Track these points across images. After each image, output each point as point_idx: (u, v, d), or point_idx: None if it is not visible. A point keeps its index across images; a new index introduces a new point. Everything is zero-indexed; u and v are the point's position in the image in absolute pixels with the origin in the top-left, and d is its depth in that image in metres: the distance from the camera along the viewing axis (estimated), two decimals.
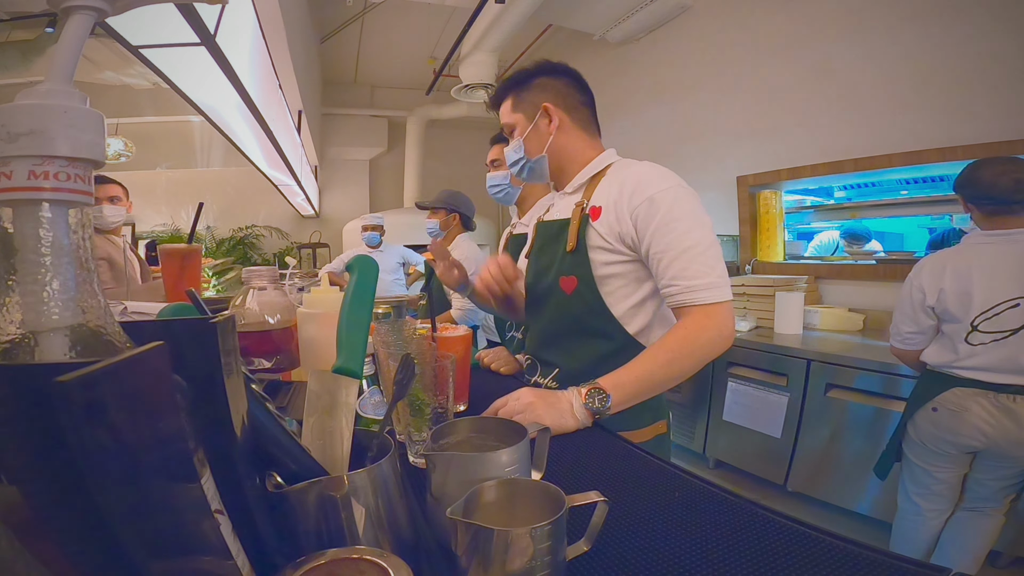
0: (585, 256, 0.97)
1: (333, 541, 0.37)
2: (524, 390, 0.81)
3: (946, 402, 1.52)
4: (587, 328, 0.99)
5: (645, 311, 0.97)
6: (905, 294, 1.63)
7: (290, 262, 1.86)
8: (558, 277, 1.00)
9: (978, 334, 1.47)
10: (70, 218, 0.26)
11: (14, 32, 2.96)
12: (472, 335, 0.91)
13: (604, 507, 0.45)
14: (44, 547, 0.22)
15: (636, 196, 0.91)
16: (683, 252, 0.87)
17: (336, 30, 4.32)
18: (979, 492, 1.59)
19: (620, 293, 0.97)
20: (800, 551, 0.46)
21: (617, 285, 0.96)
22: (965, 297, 1.48)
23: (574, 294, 0.98)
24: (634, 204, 0.91)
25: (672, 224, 0.88)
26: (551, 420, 0.75)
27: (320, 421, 0.45)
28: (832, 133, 2.65)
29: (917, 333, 1.62)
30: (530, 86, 1.03)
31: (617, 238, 0.94)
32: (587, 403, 0.79)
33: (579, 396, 0.80)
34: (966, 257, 1.51)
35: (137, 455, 0.23)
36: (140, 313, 0.90)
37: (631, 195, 0.92)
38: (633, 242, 0.93)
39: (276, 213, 5.57)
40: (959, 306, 1.49)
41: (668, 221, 0.88)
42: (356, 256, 0.54)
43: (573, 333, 1.01)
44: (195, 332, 0.32)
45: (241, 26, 1.51)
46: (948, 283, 1.51)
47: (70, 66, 0.28)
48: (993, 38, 2.07)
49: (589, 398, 0.79)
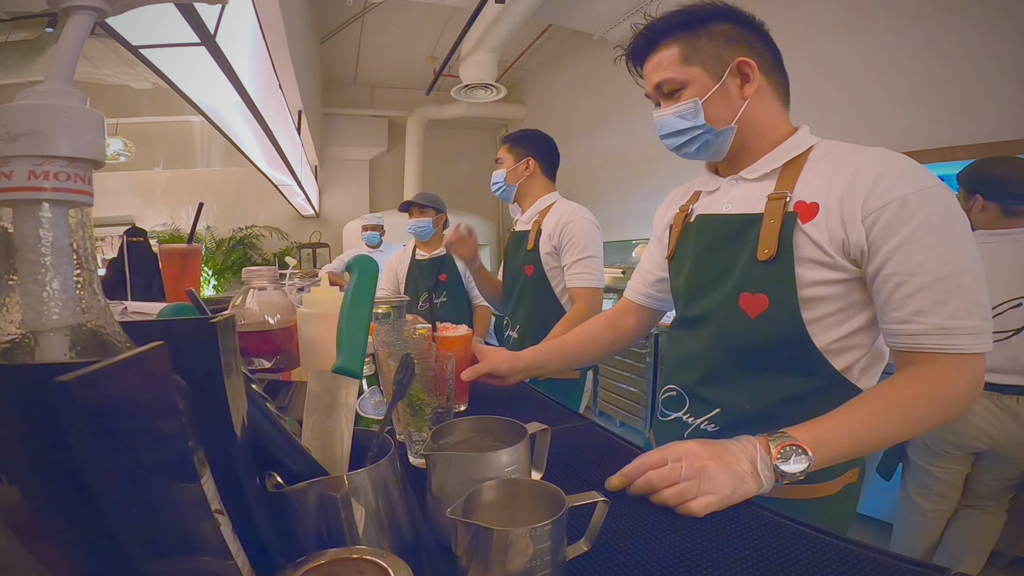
0: (788, 269, 0.70)
1: (333, 541, 0.37)
2: (691, 444, 0.59)
3: None
4: (774, 361, 0.74)
5: (858, 345, 0.72)
6: None
7: (290, 262, 1.86)
8: (738, 293, 0.75)
9: None
10: (70, 218, 0.26)
11: (14, 32, 2.96)
12: (471, 335, 0.91)
13: (604, 507, 0.45)
14: (44, 547, 0.22)
15: (880, 192, 0.66)
16: (940, 280, 0.62)
17: (336, 30, 4.32)
18: (981, 491, 1.59)
19: (828, 321, 0.71)
20: (800, 551, 0.46)
21: (826, 311, 0.71)
22: None
23: (761, 319, 0.73)
24: (876, 203, 0.66)
25: (930, 239, 0.63)
26: (730, 490, 0.55)
27: (320, 421, 0.45)
28: (832, 133, 2.62)
29: None
30: (710, 31, 0.77)
31: (840, 248, 0.69)
32: (779, 464, 0.58)
33: (765, 452, 0.58)
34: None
35: (137, 455, 0.23)
36: (140, 313, 0.91)
37: (871, 190, 0.66)
38: (862, 254, 0.68)
39: (276, 213, 5.58)
40: None
41: (926, 234, 0.63)
42: (356, 256, 0.54)
43: (752, 366, 0.75)
44: (195, 332, 0.32)
45: (241, 26, 1.51)
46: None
47: (70, 66, 0.28)
48: (993, 38, 2.07)
49: (782, 457, 0.58)
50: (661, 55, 0.79)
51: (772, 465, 0.58)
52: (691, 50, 0.77)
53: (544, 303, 1.59)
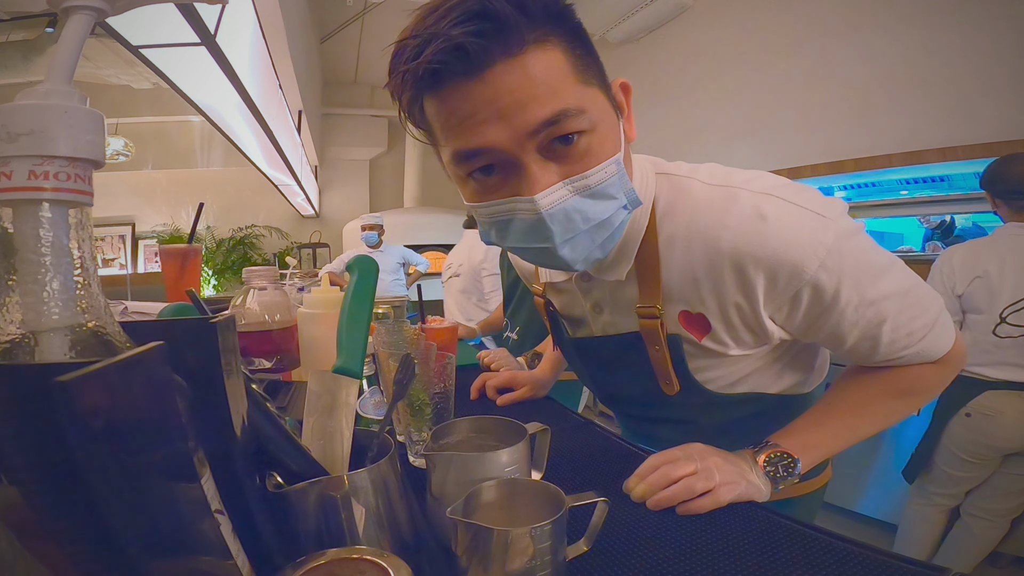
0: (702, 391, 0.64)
1: (333, 541, 0.37)
2: (697, 445, 0.56)
3: (979, 407, 1.51)
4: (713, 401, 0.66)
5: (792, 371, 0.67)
6: (936, 281, 1.59)
7: (290, 262, 1.86)
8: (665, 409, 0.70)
9: (1006, 326, 1.45)
10: (70, 218, 0.26)
11: (14, 32, 2.96)
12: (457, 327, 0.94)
13: (604, 507, 0.45)
14: (44, 547, 0.22)
15: (782, 288, 0.52)
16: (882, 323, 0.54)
17: (336, 30, 4.32)
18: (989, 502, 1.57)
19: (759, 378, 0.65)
20: (800, 551, 0.46)
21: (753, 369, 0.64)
22: (996, 288, 1.47)
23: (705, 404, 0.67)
24: (782, 299, 0.53)
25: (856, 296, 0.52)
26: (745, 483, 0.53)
27: (320, 421, 0.45)
28: (832, 133, 2.64)
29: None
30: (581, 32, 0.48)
31: (749, 344, 0.60)
32: (767, 472, 0.55)
33: (755, 463, 0.56)
34: (999, 248, 1.50)
35: (137, 455, 0.23)
36: (140, 313, 0.90)
37: (768, 287, 0.53)
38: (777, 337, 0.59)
39: (276, 213, 5.57)
40: (988, 297, 1.48)
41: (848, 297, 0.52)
42: (356, 256, 0.54)
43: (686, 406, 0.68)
44: (195, 332, 0.32)
45: (241, 26, 1.51)
46: (982, 272, 1.49)
47: (70, 66, 0.28)
48: (993, 38, 2.07)
49: (769, 465, 0.55)
50: (533, 61, 0.43)
51: (762, 474, 0.55)
52: (579, 59, 0.46)
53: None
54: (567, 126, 0.44)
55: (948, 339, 0.58)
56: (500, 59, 0.42)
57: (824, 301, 0.53)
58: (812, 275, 0.51)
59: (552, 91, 0.44)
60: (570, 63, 0.45)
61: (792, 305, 0.54)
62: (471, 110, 0.44)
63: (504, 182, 0.48)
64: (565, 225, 0.47)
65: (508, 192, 0.48)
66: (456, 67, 0.42)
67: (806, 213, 0.51)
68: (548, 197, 0.46)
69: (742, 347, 0.59)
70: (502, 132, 0.44)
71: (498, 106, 0.43)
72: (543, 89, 0.43)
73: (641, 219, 0.56)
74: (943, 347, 0.58)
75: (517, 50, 0.42)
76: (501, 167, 0.47)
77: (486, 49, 0.41)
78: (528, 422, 0.55)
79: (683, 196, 0.55)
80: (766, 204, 0.51)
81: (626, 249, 0.57)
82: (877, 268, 0.54)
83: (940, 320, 0.57)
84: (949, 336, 0.58)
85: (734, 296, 0.54)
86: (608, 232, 0.50)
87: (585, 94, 0.46)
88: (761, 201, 0.51)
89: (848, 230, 0.52)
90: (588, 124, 0.46)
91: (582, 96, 0.46)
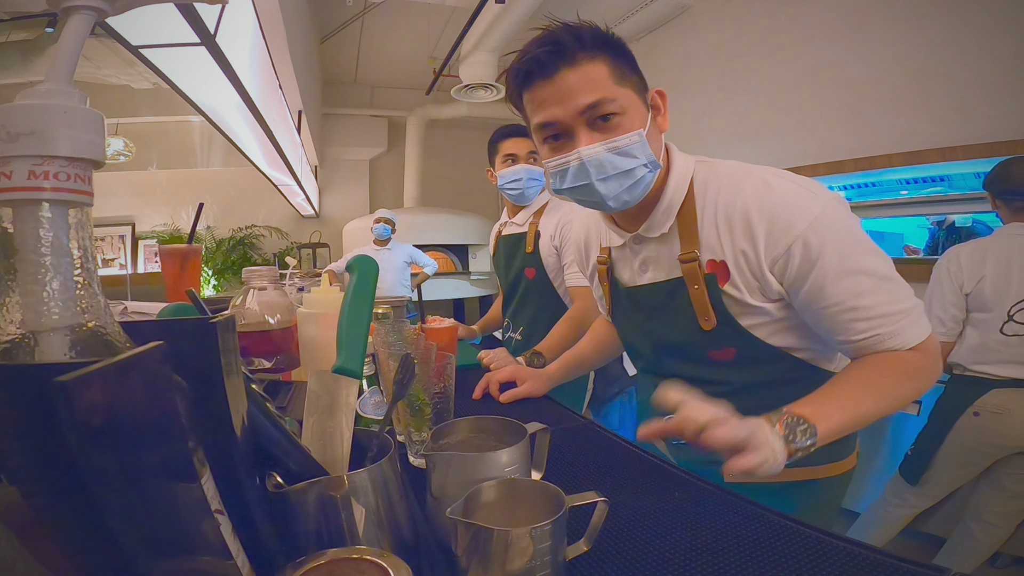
0: (735, 326, 0.73)
1: (333, 541, 0.37)
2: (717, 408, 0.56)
3: (987, 405, 1.51)
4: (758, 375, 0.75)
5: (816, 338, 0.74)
6: (943, 278, 1.59)
7: (290, 262, 1.85)
8: (704, 353, 0.77)
9: (1013, 324, 1.46)
10: (70, 218, 0.26)
11: (14, 32, 2.96)
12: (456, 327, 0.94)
13: (604, 507, 0.45)
14: (44, 547, 0.22)
15: (778, 238, 0.66)
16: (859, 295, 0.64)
17: (336, 30, 4.31)
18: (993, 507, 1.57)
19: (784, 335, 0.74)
20: (800, 551, 0.46)
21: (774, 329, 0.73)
22: (1003, 286, 1.47)
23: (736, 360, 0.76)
24: (778, 250, 0.66)
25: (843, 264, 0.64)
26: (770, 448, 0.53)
27: (320, 421, 0.45)
28: (832, 133, 2.64)
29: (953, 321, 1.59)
30: (626, 55, 0.71)
31: (760, 296, 0.71)
32: (787, 437, 0.56)
33: (773, 428, 0.56)
34: (1005, 246, 1.51)
35: (137, 455, 0.23)
36: (140, 313, 0.90)
37: (767, 237, 0.66)
38: (779, 294, 0.70)
39: (276, 213, 5.57)
40: (996, 295, 1.48)
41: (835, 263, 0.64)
42: (356, 256, 0.54)
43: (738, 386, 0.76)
44: (195, 332, 0.32)
45: (241, 26, 1.51)
46: (989, 271, 1.49)
47: (70, 66, 0.28)
48: (992, 38, 2.07)
49: (789, 430, 0.56)
50: (585, 70, 0.66)
51: (781, 436, 0.55)
52: (621, 71, 0.68)
53: (548, 304, 1.58)
54: (603, 109, 0.67)
55: (924, 329, 0.67)
56: (563, 68, 0.66)
57: (811, 258, 0.65)
58: (802, 231, 0.65)
59: (595, 87, 0.66)
60: (610, 71, 0.67)
61: (787, 259, 0.66)
62: (545, 97, 0.68)
63: (565, 145, 0.70)
64: (599, 168, 0.68)
65: (567, 151, 0.70)
66: (537, 72, 0.68)
67: (803, 189, 0.68)
68: (589, 150, 0.68)
69: (754, 297, 0.71)
70: (562, 111, 0.68)
71: (561, 95, 0.67)
72: (589, 86, 0.66)
73: (681, 188, 0.75)
74: (918, 335, 0.66)
75: (574, 62, 0.66)
76: (564, 135, 0.70)
77: (554, 62, 0.66)
78: (528, 422, 0.55)
79: (713, 174, 0.74)
80: (773, 177, 0.69)
81: (670, 211, 0.75)
82: (861, 245, 0.66)
83: (916, 312, 0.67)
84: (925, 327, 0.67)
85: (742, 244, 0.69)
86: (632, 181, 0.70)
87: (619, 91, 0.68)
88: (770, 175, 0.70)
89: (837, 209, 0.66)
90: (619, 108, 0.67)
91: (616, 92, 0.67)
